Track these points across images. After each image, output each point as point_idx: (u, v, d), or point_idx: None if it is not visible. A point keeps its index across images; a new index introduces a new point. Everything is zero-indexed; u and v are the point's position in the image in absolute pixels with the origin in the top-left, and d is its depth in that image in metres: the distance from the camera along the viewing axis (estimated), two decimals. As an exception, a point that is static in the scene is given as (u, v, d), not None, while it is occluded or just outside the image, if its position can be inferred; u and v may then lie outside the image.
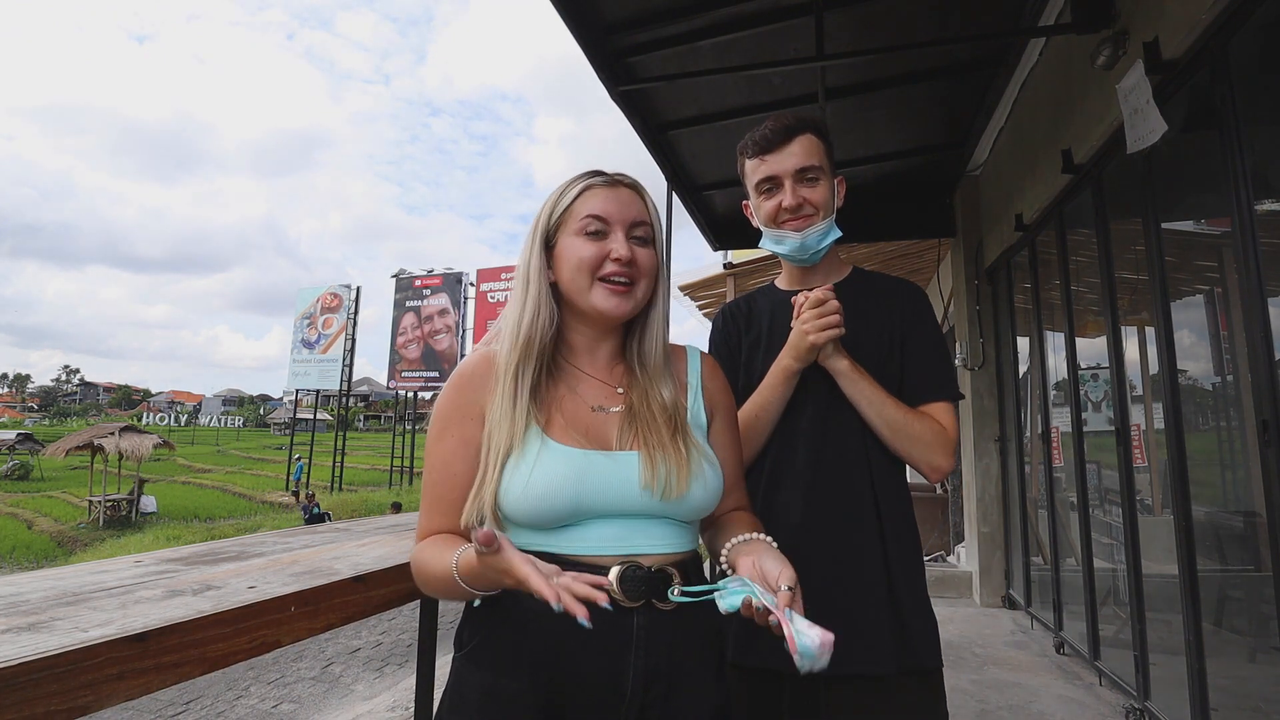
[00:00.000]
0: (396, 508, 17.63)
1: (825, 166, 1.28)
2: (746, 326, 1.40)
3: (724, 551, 0.93)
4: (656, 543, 0.91)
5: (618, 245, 0.95)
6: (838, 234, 1.31)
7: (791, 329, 1.25)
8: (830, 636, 0.76)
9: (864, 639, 1.16)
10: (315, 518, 16.40)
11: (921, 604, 1.22)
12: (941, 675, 1.23)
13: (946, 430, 1.23)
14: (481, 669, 0.87)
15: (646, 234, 0.98)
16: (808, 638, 0.76)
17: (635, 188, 0.99)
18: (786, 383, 1.25)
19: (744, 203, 1.38)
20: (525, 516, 0.88)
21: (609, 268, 0.95)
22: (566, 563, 0.86)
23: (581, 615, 0.68)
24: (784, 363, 1.25)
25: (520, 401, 0.91)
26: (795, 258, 1.32)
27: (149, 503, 19.52)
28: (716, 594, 0.84)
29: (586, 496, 0.88)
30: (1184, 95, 2.40)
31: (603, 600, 0.70)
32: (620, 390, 0.99)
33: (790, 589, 0.82)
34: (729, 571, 0.91)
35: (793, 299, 1.27)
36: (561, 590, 0.70)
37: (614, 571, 0.86)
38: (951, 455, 1.23)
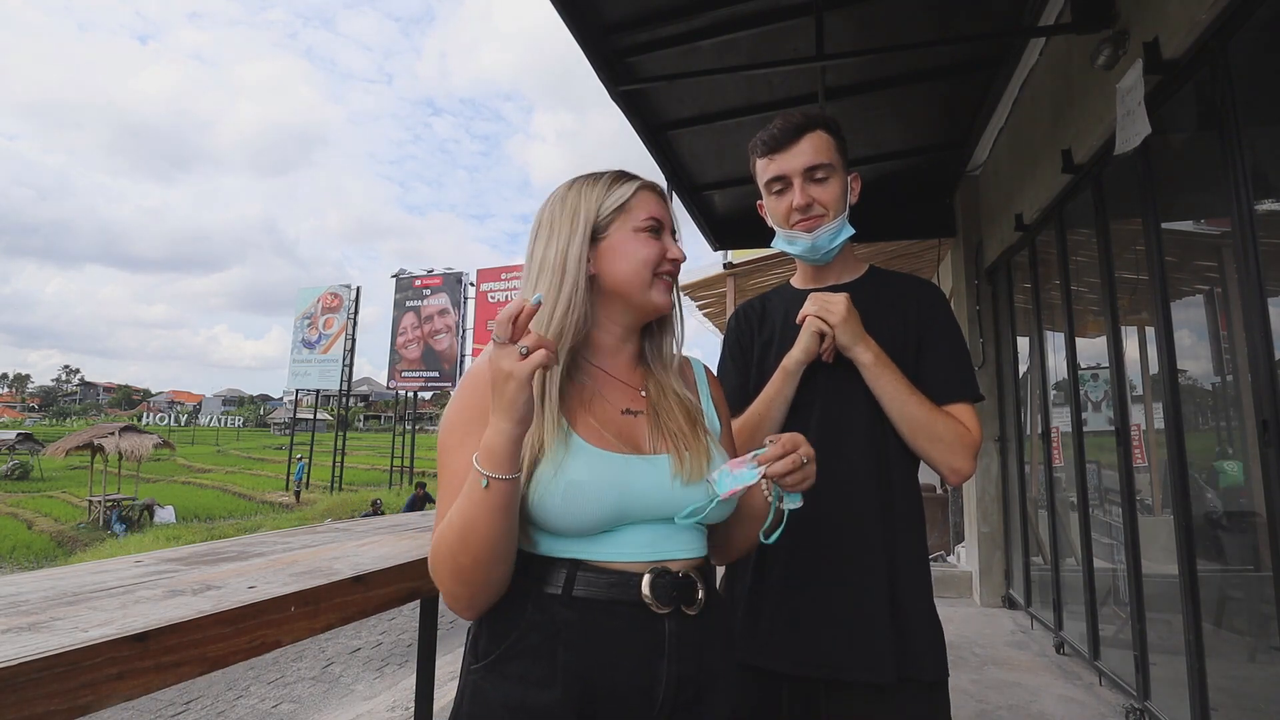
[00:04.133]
0: (376, 506, 17.57)
1: (836, 164, 1.26)
2: (760, 326, 1.39)
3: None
4: (682, 548, 0.91)
5: (673, 247, 0.99)
6: (850, 232, 1.29)
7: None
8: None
9: (863, 646, 1.15)
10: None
11: (926, 613, 1.20)
12: (946, 688, 1.20)
13: (970, 431, 1.21)
14: (508, 681, 0.83)
15: (678, 237, 1.02)
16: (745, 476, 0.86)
17: (665, 193, 1.04)
18: (786, 380, 1.24)
19: (758, 203, 1.37)
20: (565, 524, 0.85)
21: (665, 267, 0.98)
22: (598, 570, 0.86)
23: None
24: (786, 358, 1.25)
25: (549, 401, 0.88)
26: (807, 258, 1.32)
27: (168, 514, 19.19)
28: (713, 493, 0.88)
29: (630, 502, 0.87)
30: (1184, 95, 2.40)
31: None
32: (643, 393, 0.99)
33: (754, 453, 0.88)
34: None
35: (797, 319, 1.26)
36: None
37: (646, 579, 0.86)
38: (973, 458, 1.21)
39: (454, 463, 0.86)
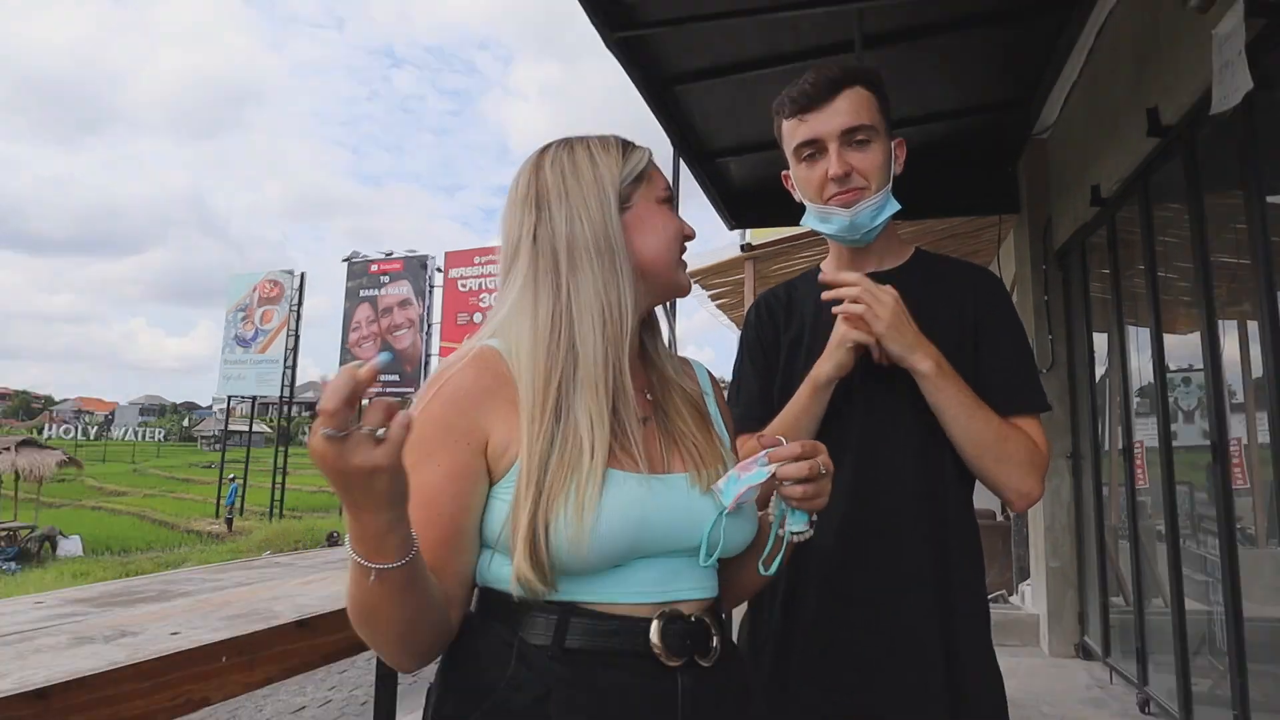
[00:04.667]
0: (332, 539, 17.60)
1: (879, 126, 1.26)
2: (786, 321, 1.38)
3: None
4: (694, 586, 0.90)
5: (686, 222, 1.00)
6: (895, 207, 1.29)
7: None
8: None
9: (910, 702, 1.15)
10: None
11: (985, 661, 1.21)
12: None
13: (1040, 449, 1.21)
14: None
15: None
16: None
17: None
18: (815, 395, 1.23)
19: (783, 173, 1.36)
20: (573, 565, 0.82)
21: (683, 245, 1.00)
22: (597, 615, 0.84)
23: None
24: (815, 370, 1.23)
25: (619, 407, 0.89)
26: (844, 238, 1.31)
27: (73, 545, 19.20)
28: (720, 504, 0.89)
29: (647, 533, 0.86)
30: (1294, 43, 2.40)
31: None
32: (648, 396, 0.99)
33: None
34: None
35: (824, 295, 1.23)
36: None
37: (654, 625, 0.85)
38: (1043, 480, 1.22)
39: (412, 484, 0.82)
